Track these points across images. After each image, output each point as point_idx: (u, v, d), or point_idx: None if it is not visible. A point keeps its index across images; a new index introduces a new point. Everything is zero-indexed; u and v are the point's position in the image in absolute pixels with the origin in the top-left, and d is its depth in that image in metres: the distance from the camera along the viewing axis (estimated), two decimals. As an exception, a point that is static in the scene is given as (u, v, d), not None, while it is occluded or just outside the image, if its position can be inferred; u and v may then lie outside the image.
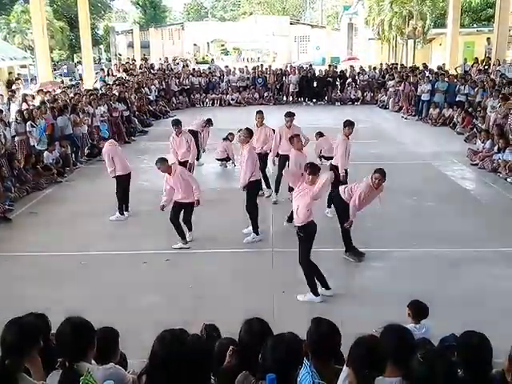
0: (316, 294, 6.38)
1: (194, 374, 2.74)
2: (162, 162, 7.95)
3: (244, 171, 8.19)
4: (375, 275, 7.24)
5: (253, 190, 8.33)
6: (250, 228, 8.28)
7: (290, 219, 8.02)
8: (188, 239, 8.15)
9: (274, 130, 10.33)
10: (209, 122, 13.57)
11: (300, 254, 6.39)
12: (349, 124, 9.00)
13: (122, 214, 9.48)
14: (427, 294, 5.83)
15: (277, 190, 9.96)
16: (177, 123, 10.41)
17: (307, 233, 6.35)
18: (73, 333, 2.91)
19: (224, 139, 12.90)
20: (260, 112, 10.76)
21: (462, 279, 6.99)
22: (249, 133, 8.50)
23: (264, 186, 10.04)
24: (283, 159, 9.38)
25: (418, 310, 4.68)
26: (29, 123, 12.35)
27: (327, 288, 6.51)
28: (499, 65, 20.00)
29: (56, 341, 2.97)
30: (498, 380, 3.01)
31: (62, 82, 22.72)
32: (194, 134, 13.05)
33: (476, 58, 23.20)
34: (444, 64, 23.55)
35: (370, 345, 2.86)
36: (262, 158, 9.86)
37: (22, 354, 2.92)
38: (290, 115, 9.97)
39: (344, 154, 8.85)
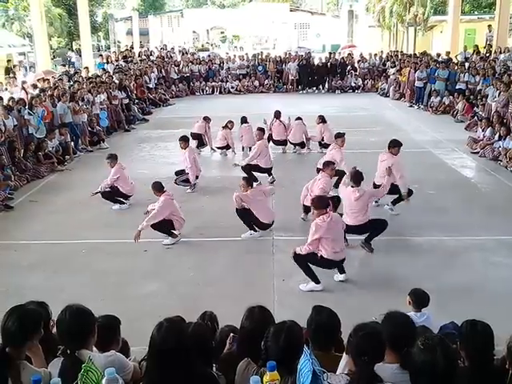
0: (316, 281, 6.39)
1: (193, 361, 2.76)
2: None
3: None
4: (375, 263, 7.25)
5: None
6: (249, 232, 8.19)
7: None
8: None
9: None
10: (206, 119, 13.34)
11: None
12: (395, 145, 8.75)
13: (122, 203, 9.50)
14: (427, 281, 5.85)
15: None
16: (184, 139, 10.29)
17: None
18: (73, 320, 2.92)
19: (223, 127, 12.87)
20: (261, 129, 10.89)
21: (462, 267, 7.00)
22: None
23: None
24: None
25: (419, 298, 4.68)
26: (26, 111, 12.29)
27: (317, 282, 6.44)
28: (501, 52, 19.89)
29: (57, 329, 2.98)
30: (499, 368, 3.02)
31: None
32: (198, 136, 13.05)
33: (476, 46, 23.08)
34: (439, 54, 23.39)
35: (368, 332, 2.87)
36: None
37: (23, 341, 2.93)
38: (340, 136, 9.88)
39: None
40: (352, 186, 7.23)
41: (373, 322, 3.14)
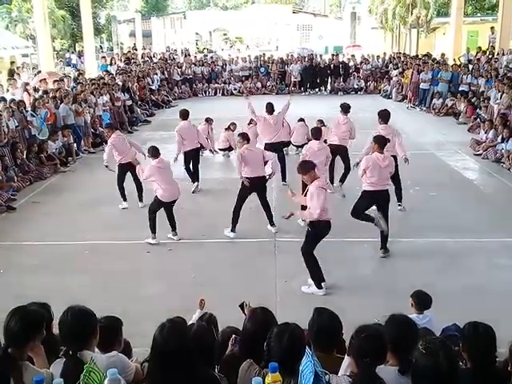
0: (319, 286, 6.39)
1: (195, 363, 2.76)
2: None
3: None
4: (377, 266, 7.25)
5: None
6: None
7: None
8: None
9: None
10: (208, 121, 13.31)
11: (303, 246, 6.39)
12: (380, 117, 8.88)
13: (125, 200, 9.55)
14: (429, 284, 5.84)
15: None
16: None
17: (315, 230, 6.29)
18: (75, 321, 2.92)
19: (226, 129, 12.87)
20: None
21: (464, 269, 6.99)
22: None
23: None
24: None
25: (421, 300, 4.68)
26: (29, 112, 12.34)
27: (319, 287, 6.41)
28: (503, 54, 19.88)
29: (59, 329, 2.99)
30: (501, 370, 3.02)
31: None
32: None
33: (479, 48, 23.06)
34: (443, 54, 23.42)
35: (370, 334, 2.86)
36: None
37: (26, 342, 2.94)
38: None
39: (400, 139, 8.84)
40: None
41: (375, 323, 3.13)
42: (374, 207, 7.34)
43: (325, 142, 12.45)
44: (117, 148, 9.23)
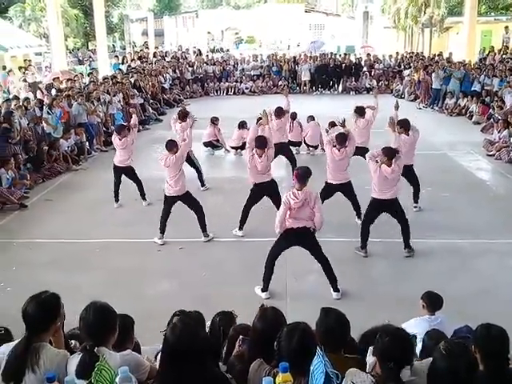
0: (263, 289, 6.39)
1: (206, 362, 2.77)
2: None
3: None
4: (388, 266, 7.22)
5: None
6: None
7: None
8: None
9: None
10: (213, 122, 13.25)
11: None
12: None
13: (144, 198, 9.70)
14: (441, 284, 5.80)
15: None
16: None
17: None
18: (96, 317, 2.96)
19: (239, 127, 12.84)
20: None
21: (476, 270, 6.94)
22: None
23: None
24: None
25: (432, 302, 4.65)
26: (45, 110, 12.45)
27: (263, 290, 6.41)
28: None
29: (79, 324, 3.01)
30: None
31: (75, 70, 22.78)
32: (210, 144, 13.07)
33: (492, 47, 22.89)
34: (451, 53, 23.35)
35: (395, 336, 2.80)
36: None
37: (47, 326, 3.01)
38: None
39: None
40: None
41: (398, 327, 3.06)
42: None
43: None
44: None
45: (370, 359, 2.93)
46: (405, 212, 7.40)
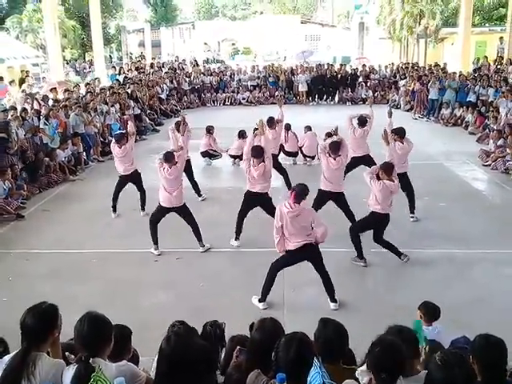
0: (260, 300, 6.39)
1: (201, 374, 2.77)
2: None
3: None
4: (385, 276, 7.23)
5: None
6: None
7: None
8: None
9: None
10: (208, 131, 13.31)
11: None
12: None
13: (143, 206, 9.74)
14: (438, 294, 5.81)
15: None
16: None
17: None
18: (91, 328, 2.95)
19: (239, 137, 12.86)
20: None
21: (473, 280, 6.96)
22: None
23: None
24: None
25: (430, 312, 4.65)
26: (42, 120, 12.47)
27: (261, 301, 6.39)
28: (511, 64, 19.86)
29: (74, 334, 3.01)
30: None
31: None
32: (207, 153, 13.12)
33: (485, 57, 23.11)
34: (445, 63, 23.56)
35: (386, 347, 2.80)
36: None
37: (45, 337, 3.01)
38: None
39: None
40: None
41: (392, 338, 3.05)
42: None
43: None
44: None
45: (364, 375, 2.92)
46: None
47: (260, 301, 6.36)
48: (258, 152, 7.68)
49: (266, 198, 8.04)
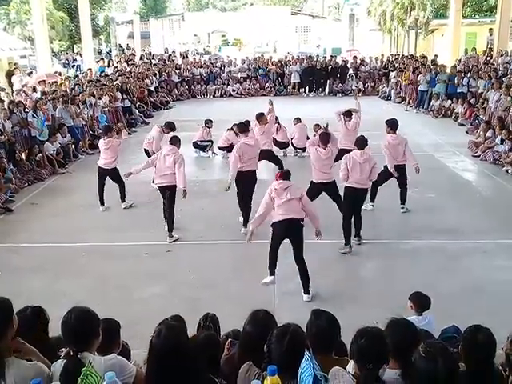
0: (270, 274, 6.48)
1: (195, 368, 2.75)
2: None
3: None
4: (375, 267, 7.24)
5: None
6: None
7: None
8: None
9: None
10: (206, 124, 13.37)
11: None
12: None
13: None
14: (428, 285, 5.83)
15: None
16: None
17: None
18: (78, 322, 2.90)
19: (229, 129, 12.81)
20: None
21: (462, 270, 6.99)
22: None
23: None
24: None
25: (420, 302, 4.66)
26: (30, 113, 12.34)
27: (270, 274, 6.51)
28: (501, 55, 19.91)
29: (61, 329, 2.97)
30: (500, 374, 2.99)
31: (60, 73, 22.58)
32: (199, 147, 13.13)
33: (474, 48, 23.16)
34: (436, 55, 23.56)
35: (370, 338, 2.81)
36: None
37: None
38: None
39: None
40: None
41: (374, 326, 3.10)
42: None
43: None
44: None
45: (349, 367, 2.93)
46: None
47: (270, 275, 6.45)
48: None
49: (254, 177, 8.41)
